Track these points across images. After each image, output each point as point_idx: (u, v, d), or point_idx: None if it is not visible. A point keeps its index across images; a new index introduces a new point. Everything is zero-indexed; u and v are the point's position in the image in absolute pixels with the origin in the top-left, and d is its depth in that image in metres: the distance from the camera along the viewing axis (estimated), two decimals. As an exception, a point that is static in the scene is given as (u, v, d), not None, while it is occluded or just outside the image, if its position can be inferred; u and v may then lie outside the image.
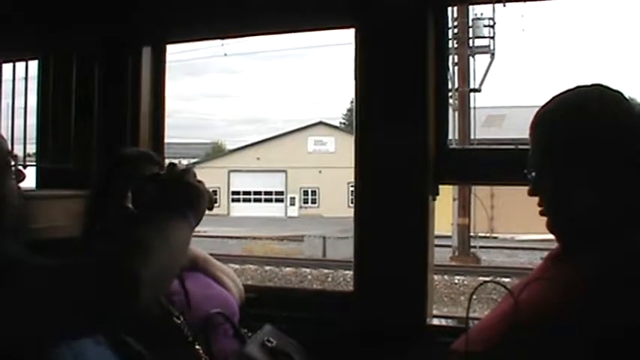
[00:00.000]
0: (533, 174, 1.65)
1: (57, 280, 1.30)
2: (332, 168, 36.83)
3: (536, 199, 1.66)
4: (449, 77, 2.49)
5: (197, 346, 2.00)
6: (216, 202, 1.87)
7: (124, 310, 1.33)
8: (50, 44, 2.88)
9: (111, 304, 1.31)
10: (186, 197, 1.62)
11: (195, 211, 1.61)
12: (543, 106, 1.66)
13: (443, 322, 2.52)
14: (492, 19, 18.45)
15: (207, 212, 1.67)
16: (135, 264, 1.32)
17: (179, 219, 1.55)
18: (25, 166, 2.71)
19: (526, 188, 1.67)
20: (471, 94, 17.67)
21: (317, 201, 40.88)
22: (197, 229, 1.63)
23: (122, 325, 1.39)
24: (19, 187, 1.66)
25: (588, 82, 1.66)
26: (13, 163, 1.64)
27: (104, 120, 2.85)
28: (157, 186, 1.71)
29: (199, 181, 1.70)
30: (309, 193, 41.10)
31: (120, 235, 1.46)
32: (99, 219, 2.11)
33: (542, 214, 1.65)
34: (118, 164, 2.16)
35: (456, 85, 17.24)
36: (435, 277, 2.58)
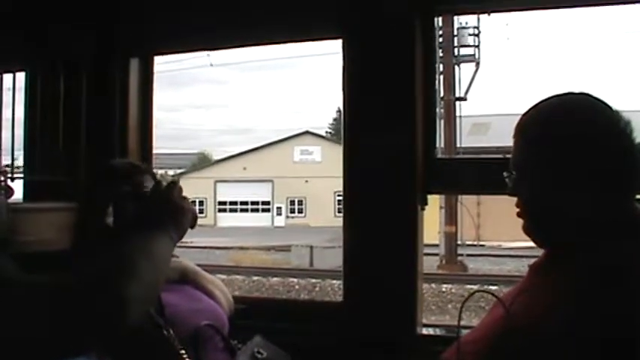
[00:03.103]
0: (514, 176, 1.66)
1: (44, 299, 1.29)
2: (318, 177, 36.79)
3: None
4: (436, 86, 2.50)
5: (187, 359, 1.99)
6: (201, 214, 1.85)
7: (111, 330, 1.32)
8: (38, 56, 2.87)
9: (98, 325, 1.30)
10: (169, 213, 1.63)
11: (178, 228, 1.62)
12: (527, 112, 1.68)
13: (432, 331, 2.53)
14: (477, 27, 18.56)
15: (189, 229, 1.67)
16: (121, 285, 1.32)
17: (162, 235, 1.55)
18: (12, 179, 2.70)
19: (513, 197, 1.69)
20: (457, 103, 17.73)
21: (304, 210, 40.84)
22: (184, 239, 1.63)
23: (109, 344, 1.38)
24: (7, 202, 1.65)
25: (575, 90, 1.68)
26: (2, 179, 1.63)
27: (92, 132, 2.84)
28: (139, 203, 1.71)
29: (184, 198, 1.70)
30: (296, 202, 41.06)
31: (104, 253, 1.45)
32: (82, 234, 2.10)
33: (519, 215, 1.68)
34: (104, 177, 2.15)
35: (442, 94, 17.29)
36: (423, 285, 2.58)
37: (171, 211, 1.63)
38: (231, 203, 41.29)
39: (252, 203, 41.37)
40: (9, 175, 2.19)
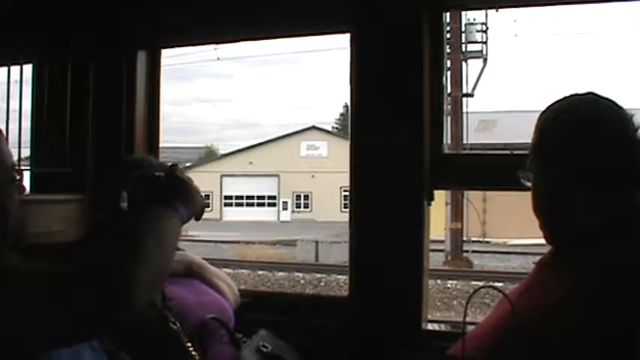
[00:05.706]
0: (529, 175, 1.67)
1: (52, 286, 1.29)
2: (325, 172, 36.81)
3: (528, 203, 1.68)
4: (443, 82, 2.50)
5: (193, 352, 1.99)
6: (208, 208, 1.85)
7: (120, 311, 1.32)
8: (45, 49, 2.87)
9: (106, 306, 1.30)
10: (175, 190, 1.60)
11: (186, 204, 1.58)
12: (540, 114, 1.69)
13: (437, 327, 2.52)
14: (485, 24, 18.50)
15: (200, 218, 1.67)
16: (127, 263, 1.31)
17: (169, 212, 1.53)
18: (20, 170, 2.70)
19: (519, 193, 1.70)
20: (464, 99, 17.70)
21: (310, 205, 40.85)
22: (190, 232, 1.62)
23: (119, 329, 1.37)
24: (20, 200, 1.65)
25: (581, 90, 1.69)
26: (19, 178, 1.63)
27: (99, 124, 2.84)
28: (149, 184, 1.71)
29: (189, 179, 1.70)
30: (302, 197, 41.07)
31: (110, 233, 1.43)
32: (95, 222, 2.12)
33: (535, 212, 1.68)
34: (117, 165, 2.17)
35: (449, 90, 17.26)
36: (428, 281, 2.58)
37: (177, 187, 1.62)
38: (237, 197, 41.32)
39: (258, 198, 41.40)
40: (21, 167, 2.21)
